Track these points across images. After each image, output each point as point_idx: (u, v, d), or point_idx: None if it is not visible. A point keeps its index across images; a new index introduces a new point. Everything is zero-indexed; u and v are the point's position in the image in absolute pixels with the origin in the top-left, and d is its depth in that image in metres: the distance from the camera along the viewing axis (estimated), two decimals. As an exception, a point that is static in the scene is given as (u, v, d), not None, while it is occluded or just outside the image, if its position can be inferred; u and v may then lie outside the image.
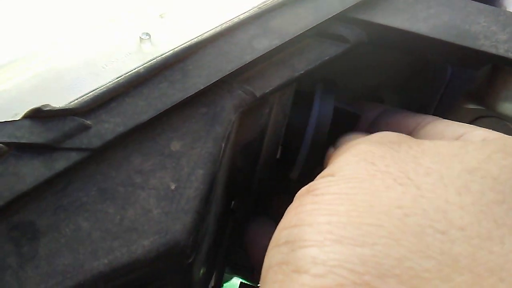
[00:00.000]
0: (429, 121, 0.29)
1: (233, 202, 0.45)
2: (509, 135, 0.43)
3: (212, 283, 0.45)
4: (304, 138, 0.33)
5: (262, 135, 0.33)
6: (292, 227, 0.20)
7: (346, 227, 0.18)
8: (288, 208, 0.22)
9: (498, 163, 0.20)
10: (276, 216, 0.33)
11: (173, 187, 0.27)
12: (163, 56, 0.29)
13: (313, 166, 0.34)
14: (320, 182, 0.22)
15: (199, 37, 0.30)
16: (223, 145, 0.29)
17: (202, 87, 0.29)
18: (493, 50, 0.33)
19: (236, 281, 0.61)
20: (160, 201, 0.26)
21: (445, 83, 0.44)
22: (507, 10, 0.38)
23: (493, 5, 0.36)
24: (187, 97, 0.28)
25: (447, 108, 0.43)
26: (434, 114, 0.45)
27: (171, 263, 0.26)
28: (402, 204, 0.19)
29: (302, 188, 0.23)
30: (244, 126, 0.32)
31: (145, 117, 0.27)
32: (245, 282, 0.54)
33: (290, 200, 0.23)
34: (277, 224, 0.33)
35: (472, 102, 0.40)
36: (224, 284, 0.60)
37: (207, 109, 0.29)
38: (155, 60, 0.29)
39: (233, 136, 0.31)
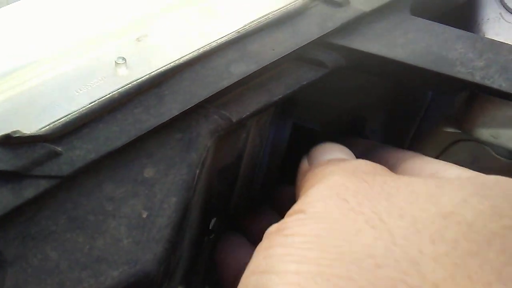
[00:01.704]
0: (408, 156, 0.29)
1: (212, 221, 0.45)
2: (487, 159, 0.43)
3: (189, 304, 0.44)
4: (261, 162, 0.34)
5: (239, 158, 0.33)
6: (260, 273, 0.20)
7: (315, 279, 0.18)
8: (258, 247, 0.22)
9: (474, 207, 0.19)
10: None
11: (144, 215, 0.26)
12: (138, 80, 0.29)
13: (273, 184, 0.35)
14: (291, 221, 0.21)
15: (175, 62, 0.30)
16: (197, 171, 0.28)
17: (177, 113, 0.28)
18: (469, 77, 0.33)
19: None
20: (131, 230, 0.26)
21: (425, 106, 0.44)
22: (485, 36, 0.38)
23: (472, 31, 0.37)
24: (162, 123, 0.28)
25: (427, 131, 0.43)
26: (413, 137, 0.45)
27: (143, 294, 0.26)
28: (374, 253, 0.18)
29: (272, 226, 0.22)
30: (221, 150, 0.32)
31: (118, 143, 0.27)
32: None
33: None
34: (248, 241, 0.32)
35: (451, 126, 0.40)
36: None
37: (182, 134, 0.29)
38: (130, 84, 0.28)
39: (209, 161, 0.31)
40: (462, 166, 0.45)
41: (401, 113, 0.52)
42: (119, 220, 0.26)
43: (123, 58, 0.29)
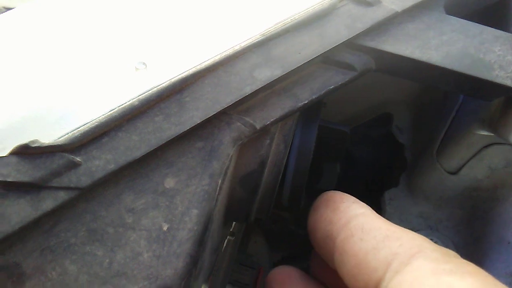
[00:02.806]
0: (406, 263, 0.24)
1: (233, 224, 0.44)
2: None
3: (211, 305, 0.44)
4: (288, 167, 0.32)
5: (263, 165, 0.31)
6: None
7: None
8: None
9: None
10: None
11: (165, 228, 0.25)
12: (159, 87, 0.28)
13: (301, 192, 0.33)
14: None
15: (197, 67, 0.29)
16: (220, 181, 0.27)
17: (199, 121, 0.27)
18: (508, 82, 0.31)
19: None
20: (152, 243, 0.25)
21: (456, 107, 0.42)
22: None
23: (510, 32, 0.35)
24: (183, 132, 0.27)
25: (458, 133, 0.41)
26: (444, 138, 0.44)
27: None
28: None
29: None
30: (244, 157, 0.31)
31: (138, 153, 0.26)
32: (247, 300, 0.53)
33: None
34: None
35: (485, 129, 0.38)
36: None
37: (204, 143, 0.28)
38: (150, 91, 0.27)
39: (232, 169, 0.30)
40: (494, 169, 0.43)
41: (430, 113, 0.50)
42: (139, 233, 0.25)
43: (144, 63, 0.28)
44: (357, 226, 0.27)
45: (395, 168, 0.52)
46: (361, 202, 0.30)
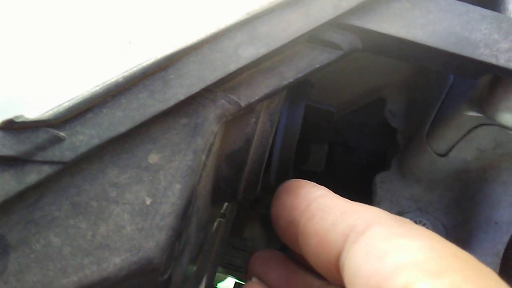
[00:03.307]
0: (362, 231, 0.25)
1: (224, 205, 0.45)
2: (511, 144, 0.41)
3: (203, 286, 0.44)
4: (274, 146, 0.33)
5: (248, 143, 0.32)
6: None
7: None
8: None
9: None
10: None
11: (148, 202, 0.26)
12: (143, 64, 0.28)
13: (288, 171, 0.34)
14: None
15: (182, 44, 0.29)
16: (203, 157, 0.28)
17: (183, 98, 0.28)
18: (493, 60, 0.31)
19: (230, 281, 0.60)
20: (134, 217, 0.25)
21: (447, 89, 0.43)
22: (512, 16, 0.36)
23: (497, 11, 0.35)
24: (167, 108, 0.27)
25: (448, 114, 0.41)
26: (434, 120, 0.44)
27: (144, 281, 0.26)
28: None
29: None
30: (229, 135, 0.31)
31: (122, 129, 0.26)
32: (240, 282, 0.53)
33: None
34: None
35: (473, 109, 0.38)
36: (218, 284, 0.59)
37: (188, 119, 0.28)
38: (135, 68, 0.28)
39: (217, 146, 0.30)
40: (483, 151, 0.44)
41: (423, 96, 0.50)
42: (123, 206, 0.26)
43: (129, 41, 0.28)
44: (317, 207, 0.28)
45: (388, 152, 0.53)
46: (320, 185, 0.31)
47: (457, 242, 0.44)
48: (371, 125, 0.61)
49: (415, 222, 0.45)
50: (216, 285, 0.55)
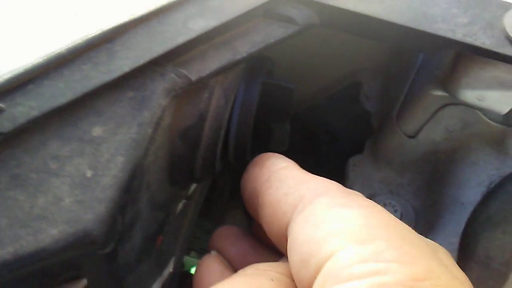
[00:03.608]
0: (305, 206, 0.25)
1: (192, 188, 0.44)
2: (479, 124, 0.41)
3: (171, 268, 0.44)
4: (232, 123, 0.32)
5: (202, 119, 0.31)
6: None
7: None
8: None
9: None
10: None
11: (89, 174, 0.25)
12: (89, 36, 0.27)
13: (246, 147, 0.34)
14: None
15: (130, 17, 0.28)
16: (150, 130, 0.27)
17: (128, 70, 0.27)
18: (449, 35, 0.31)
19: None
20: (74, 189, 0.25)
21: (415, 69, 0.42)
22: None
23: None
24: (111, 80, 0.27)
25: (415, 95, 0.41)
26: (404, 101, 0.43)
27: (84, 253, 0.25)
28: None
29: None
30: (182, 111, 0.31)
31: (63, 100, 0.26)
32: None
33: None
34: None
35: (438, 88, 0.38)
36: (192, 269, 0.59)
37: (135, 93, 0.28)
38: (79, 40, 0.27)
39: (168, 122, 0.30)
40: (452, 131, 0.43)
41: (398, 79, 0.49)
42: (63, 179, 0.25)
43: (75, 13, 0.28)
44: (276, 177, 0.28)
45: (362, 135, 0.52)
46: (288, 158, 0.30)
47: (427, 224, 0.44)
48: (355, 111, 0.61)
49: (385, 204, 0.44)
50: (190, 269, 0.54)
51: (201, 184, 0.45)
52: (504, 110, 0.34)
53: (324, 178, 0.27)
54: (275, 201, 0.27)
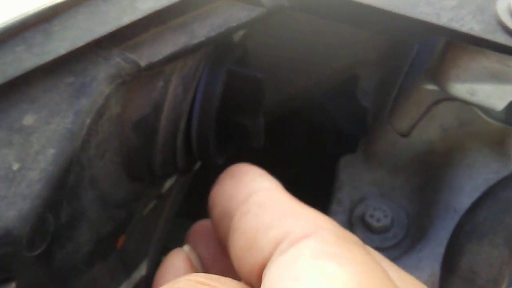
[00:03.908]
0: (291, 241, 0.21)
1: (166, 186, 0.42)
2: (476, 122, 0.37)
3: (143, 271, 0.41)
4: (193, 113, 0.29)
5: (157, 110, 0.29)
6: None
7: None
8: None
9: None
10: None
11: (15, 167, 0.23)
12: (23, 15, 0.25)
13: (208, 140, 0.31)
14: None
15: (72, -5, 0.26)
16: (88, 120, 0.25)
17: (64, 52, 0.24)
18: (433, 19, 0.27)
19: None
20: None
21: (409, 61, 0.38)
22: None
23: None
24: (46, 63, 0.24)
25: (408, 89, 0.37)
26: (396, 96, 0.40)
27: (8, 254, 0.23)
28: None
29: None
30: (134, 100, 0.28)
31: (-11, 84, 0.24)
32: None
33: None
34: None
35: (429, 81, 0.34)
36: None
37: (75, 78, 0.25)
38: (13, 19, 0.25)
39: (116, 111, 0.27)
40: (447, 130, 0.39)
41: (393, 72, 0.46)
42: (-16, 171, 0.23)
43: (12, -11, 0.26)
44: (256, 201, 0.23)
45: (359, 133, 0.49)
46: (269, 175, 0.26)
47: (418, 231, 0.40)
48: (354, 107, 0.57)
49: (375, 209, 0.41)
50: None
51: (179, 182, 0.42)
52: (499, 106, 0.30)
53: (316, 211, 0.23)
54: (252, 231, 0.22)
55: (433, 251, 0.34)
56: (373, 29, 0.29)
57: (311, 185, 0.57)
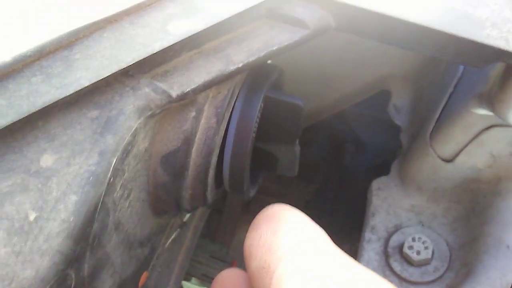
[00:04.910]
0: None
1: (187, 215, 0.39)
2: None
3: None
4: (226, 146, 0.26)
5: (187, 144, 0.26)
6: None
7: None
8: None
9: None
10: None
11: (32, 217, 0.20)
12: (42, 41, 0.22)
13: (242, 175, 0.28)
14: None
15: (95, 16, 0.23)
16: (114, 160, 0.22)
17: (86, 84, 0.22)
18: (502, 44, 0.24)
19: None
20: (12, 236, 0.20)
21: (455, 81, 0.35)
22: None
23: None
24: (65, 97, 0.21)
25: (455, 112, 0.34)
26: (439, 118, 0.37)
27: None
28: None
29: None
30: (164, 133, 0.25)
31: (3, 121, 0.21)
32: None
33: None
34: None
35: (483, 106, 0.31)
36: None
37: (99, 112, 0.22)
38: (28, 46, 0.22)
39: (144, 146, 0.24)
40: (497, 157, 0.36)
41: (431, 90, 0.43)
42: (-2, 222, 0.20)
43: (24, 12, 0.23)
44: (303, 259, 0.20)
45: (389, 152, 0.46)
46: (312, 221, 0.23)
47: (463, 266, 0.37)
48: (385, 120, 0.54)
49: (414, 239, 0.38)
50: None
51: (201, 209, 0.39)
52: None
53: (380, 276, 0.19)
54: None
55: (486, 293, 0.31)
56: (428, 52, 0.26)
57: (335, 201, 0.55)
